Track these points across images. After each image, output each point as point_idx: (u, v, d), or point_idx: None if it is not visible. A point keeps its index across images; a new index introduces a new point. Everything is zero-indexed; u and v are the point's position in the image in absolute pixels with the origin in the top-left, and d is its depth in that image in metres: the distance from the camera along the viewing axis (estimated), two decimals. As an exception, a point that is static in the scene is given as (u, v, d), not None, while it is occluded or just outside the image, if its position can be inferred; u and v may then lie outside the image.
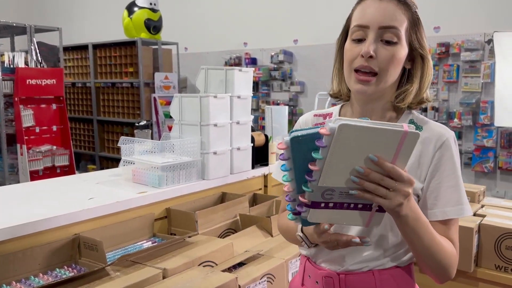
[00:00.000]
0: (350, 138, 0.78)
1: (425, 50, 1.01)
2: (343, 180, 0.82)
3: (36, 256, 1.53)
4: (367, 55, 0.95)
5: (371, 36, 0.96)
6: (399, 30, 0.96)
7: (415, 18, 1.00)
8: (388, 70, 0.97)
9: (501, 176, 4.35)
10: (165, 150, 2.14)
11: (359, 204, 0.85)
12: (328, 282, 1.04)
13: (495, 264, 1.90)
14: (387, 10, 0.96)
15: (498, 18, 4.27)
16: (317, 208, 0.84)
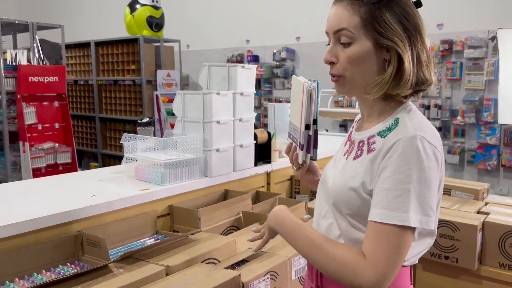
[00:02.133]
0: (295, 86, 1.22)
1: (392, 40, 0.96)
2: (293, 118, 1.23)
3: (39, 253, 1.52)
4: (326, 62, 1.06)
5: (331, 42, 1.04)
6: (348, 31, 0.99)
7: (373, 10, 0.97)
8: (350, 71, 1.01)
9: (504, 173, 4.33)
10: (167, 147, 2.13)
11: (296, 139, 1.21)
12: (309, 268, 1.17)
13: (499, 262, 1.90)
14: (336, 14, 1.02)
15: (502, 15, 4.25)
16: (289, 138, 1.29)
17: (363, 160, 1.01)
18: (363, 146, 1.03)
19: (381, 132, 1.00)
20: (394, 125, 0.99)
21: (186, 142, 2.11)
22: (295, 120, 1.20)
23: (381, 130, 1.01)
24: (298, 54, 5.66)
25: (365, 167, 0.99)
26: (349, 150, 1.09)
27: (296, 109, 1.19)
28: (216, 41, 6.30)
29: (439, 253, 1.96)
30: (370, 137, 1.03)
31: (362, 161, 1.01)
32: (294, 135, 1.21)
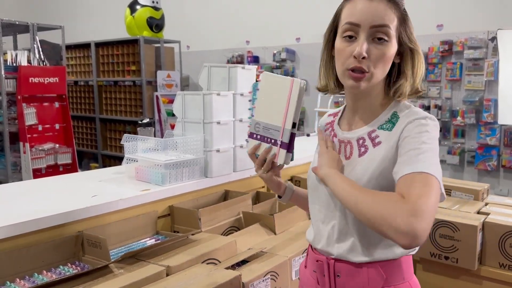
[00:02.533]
0: (267, 83, 1.16)
1: (414, 44, 1.04)
2: (266, 117, 1.16)
3: (40, 253, 1.53)
4: (360, 57, 0.98)
5: (362, 36, 0.99)
6: (390, 29, 1.00)
7: (404, 14, 1.03)
8: (379, 69, 1.01)
9: (504, 174, 4.33)
10: (168, 147, 2.14)
11: (272, 139, 1.15)
12: (319, 265, 1.11)
13: (499, 262, 1.90)
14: (378, 9, 0.99)
15: (501, 16, 4.25)
16: (252, 138, 1.19)
17: (373, 155, 1.03)
18: (364, 142, 1.06)
19: (382, 125, 1.05)
20: (394, 117, 1.05)
21: (186, 142, 2.11)
22: (272, 118, 1.13)
23: (381, 124, 1.06)
24: (298, 55, 5.67)
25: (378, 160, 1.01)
26: (345, 150, 1.10)
27: (274, 107, 1.12)
28: (216, 42, 6.31)
29: (439, 253, 1.96)
30: (370, 132, 1.06)
31: (373, 156, 1.03)
32: (269, 135, 1.15)
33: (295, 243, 1.82)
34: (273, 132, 1.14)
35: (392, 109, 1.07)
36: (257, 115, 1.17)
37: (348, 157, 1.09)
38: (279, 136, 1.12)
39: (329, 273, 1.08)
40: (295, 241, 1.84)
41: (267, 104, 1.15)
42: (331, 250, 1.08)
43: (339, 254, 1.07)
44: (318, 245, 1.12)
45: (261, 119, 1.16)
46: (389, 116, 1.06)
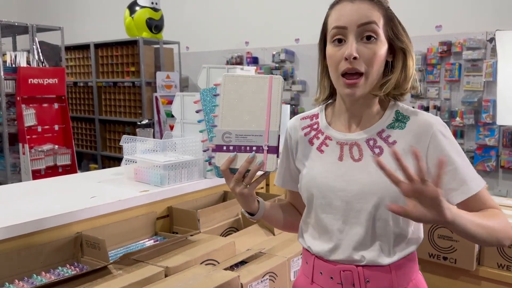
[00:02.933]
0: (233, 85, 1.02)
1: (404, 43, 1.03)
2: (236, 124, 1.02)
3: (39, 254, 1.53)
4: (350, 57, 0.98)
5: (351, 37, 0.99)
6: (377, 25, 0.99)
7: (389, 14, 1.03)
8: (373, 68, 1.00)
9: (503, 175, 4.34)
10: (167, 148, 2.14)
11: (253, 146, 1.01)
12: (347, 276, 1.05)
13: (498, 263, 1.90)
14: (362, 8, 1.00)
15: (500, 17, 4.26)
16: (221, 152, 1.02)
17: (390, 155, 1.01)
18: (376, 143, 1.05)
19: (391, 124, 1.06)
20: (400, 116, 1.06)
21: (185, 143, 2.12)
22: (248, 123, 1.01)
23: (389, 124, 1.06)
24: (297, 56, 5.67)
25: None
26: (350, 151, 1.05)
27: (249, 110, 1.01)
28: (216, 43, 6.31)
29: (437, 254, 1.96)
30: (380, 133, 1.05)
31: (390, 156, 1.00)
32: (247, 142, 1.01)
33: (294, 244, 1.82)
34: (253, 138, 1.01)
35: (392, 108, 1.08)
36: (223, 123, 1.01)
37: (358, 159, 1.04)
38: (263, 141, 1.01)
39: (359, 281, 1.04)
40: (294, 242, 1.84)
41: (237, 109, 1.01)
42: (359, 257, 1.04)
43: (369, 260, 1.03)
44: (339, 255, 1.06)
45: (232, 127, 1.01)
46: (393, 115, 1.06)
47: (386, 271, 1.04)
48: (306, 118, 1.18)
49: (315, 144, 1.12)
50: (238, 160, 1.01)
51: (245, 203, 1.09)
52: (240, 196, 1.05)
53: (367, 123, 1.07)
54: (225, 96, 1.02)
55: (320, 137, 1.11)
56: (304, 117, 1.19)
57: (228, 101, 1.02)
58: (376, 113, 1.08)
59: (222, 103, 1.02)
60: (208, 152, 1.05)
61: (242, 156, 1.01)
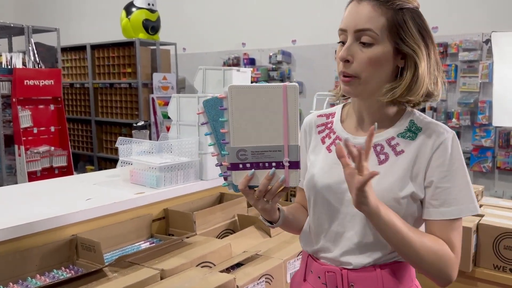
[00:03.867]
0: (242, 97, 0.90)
1: (413, 47, 0.98)
2: (251, 139, 0.92)
3: (33, 257, 1.52)
4: (342, 60, 0.99)
5: (348, 40, 1.00)
6: (373, 32, 0.97)
7: (398, 16, 0.98)
8: (366, 72, 0.99)
9: (499, 176, 4.35)
10: (163, 150, 2.13)
11: (272, 162, 0.93)
12: (331, 277, 1.06)
13: (494, 264, 1.90)
14: (361, 13, 0.98)
15: (496, 18, 4.28)
16: (237, 170, 0.93)
17: (395, 164, 1.01)
18: (383, 149, 1.04)
19: (402, 133, 1.04)
20: (413, 126, 1.04)
21: (181, 145, 2.11)
22: (264, 138, 0.92)
23: (400, 132, 1.04)
24: (294, 57, 5.67)
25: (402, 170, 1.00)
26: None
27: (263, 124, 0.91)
28: (212, 44, 6.30)
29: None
30: (389, 140, 1.04)
31: (395, 165, 1.01)
32: (265, 159, 0.92)
33: (290, 246, 1.82)
34: (272, 154, 0.92)
35: (407, 117, 1.06)
36: (235, 140, 0.91)
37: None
38: (282, 156, 0.92)
39: (342, 284, 1.04)
40: (290, 244, 1.84)
41: (249, 123, 0.91)
42: (346, 261, 1.04)
43: (356, 265, 1.03)
44: (328, 256, 1.07)
45: (246, 144, 0.91)
46: (406, 124, 1.04)
47: (374, 277, 1.02)
48: (323, 116, 1.18)
49: (326, 143, 1.12)
50: (257, 177, 0.93)
51: (267, 215, 1.05)
52: (263, 210, 1.01)
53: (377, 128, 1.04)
54: (234, 110, 0.90)
55: (332, 137, 1.12)
56: (320, 114, 1.19)
57: (238, 115, 0.90)
58: (389, 119, 1.06)
59: (231, 118, 0.91)
60: (222, 168, 0.96)
61: (261, 172, 0.93)
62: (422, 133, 1.02)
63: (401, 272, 1.04)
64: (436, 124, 1.03)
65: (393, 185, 0.99)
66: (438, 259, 0.95)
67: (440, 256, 0.95)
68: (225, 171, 0.95)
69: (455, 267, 0.97)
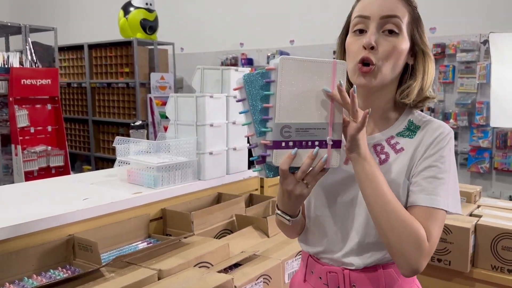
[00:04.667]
0: (292, 70, 0.86)
1: (426, 46, 1.01)
2: (297, 115, 0.87)
3: (30, 257, 1.51)
4: (368, 46, 0.96)
5: (372, 27, 0.97)
6: (400, 20, 0.97)
7: (416, 14, 1.01)
8: (388, 61, 0.97)
9: (496, 176, 4.36)
10: (160, 150, 2.13)
11: (315, 141, 0.89)
12: (333, 277, 1.05)
13: (492, 265, 1.90)
14: (387, 1, 0.98)
15: (493, 19, 4.29)
16: (279, 149, 0.87)
17: (395, 162, 1.01)
18: (383, 149, 1.03)
19: (401, 133, 1.04)
20: (412, 125, 1.04)
21: (179, 145, 2.10)
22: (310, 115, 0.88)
23: (399, 132, 1.04)
24: (292, 57, 5.67)
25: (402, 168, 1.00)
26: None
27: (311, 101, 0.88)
28: (210, 44, 6.30)
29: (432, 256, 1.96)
30: (389, 139, 1.04)
31: (395, 163, 1.00)
32: (309, 137, 0.88)
33: (288, 246, 1.82)
34: (316, 131, 0.88)
35: (406, 117, 1.05)
36: (281, 115, 0.86)
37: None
38: (326, 134, 0.89)
39: (344, 284, 1.04)
40: (288, 244, 1.84)
41: (296, 98, 0.87)
42: (349, 262, 1.03)
43: (359, 265, 1.02)
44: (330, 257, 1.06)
45: (292, 120, 0.87)
46: (405, 124, 1.04)
47: (376, 277, 1.02)
48: None
49: None
50: (299, 157, 0.88)
51: (297, 205, 0.99)
52: (300, 197, 0.93)
53: (378, 127, 1.06)
54: (283, 83, 0.86)
55: None
56: None
57: (286, 89, 0.86)
58: (389, 118, 1.06)
59: (279, 91, 0.86)
60: (257, 149, 0.89)
61: (303, 152, 0.88)
62: (421, 130, 1.02)
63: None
64: (435, 122, 1.03)
65: (393, 182, 0.98)
66: (409, 234, 0.89)
67: (413, 233, 0.89)
68: (263, 151, 0.88)
69: (425, 255, 0.90)
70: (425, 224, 0.92)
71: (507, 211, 2.17)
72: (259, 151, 0.89)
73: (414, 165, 0.99)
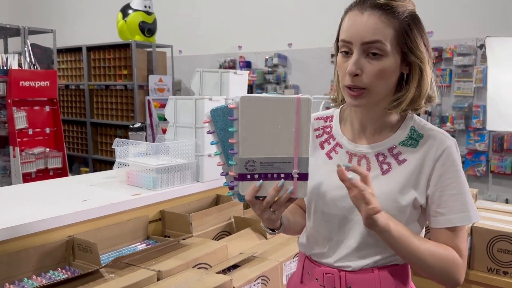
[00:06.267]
0: (253, 109, 0.88)
1: (419, 57, 0.98)
2: (260, 151, 0.90)
3: (30, 258, 1.52)
4: (351, 74, 0.96)
5: (355, 53, 0.96)
6: (382, 44, 0.95)
7: (404, 26, 0.97)
8: (376, 84, 0.97)
9: (493, 179, 4.38)
10: (159, 152, 2.14)
11: (281, 173, 0.91)
12: (329, 278, 1.05)
13: (487, 267, 1.92)
14: (368, 25, 0.95)
15: (490, 23, 4.32)
16: (245, 181, 0.91)
17: (398, 174, 1.01)
18: (386, 159, 1.03)
19: (404, 142, 1.04)
20: (414, 133, 1.04)
21: (178, 147, 2.11)
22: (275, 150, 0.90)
23: (402, 140, 1.04)
24: (290, 60, 5.69)
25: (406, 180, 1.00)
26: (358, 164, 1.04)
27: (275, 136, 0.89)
28: (209, 47, 6.32)
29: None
30: (391, 149, 1.03)
31: (398, 175, 1.01)
32: (274, 170, 0.91)
33: (286, 248, 1.83)
34: (281, 165, 0.91)
35: (408, 124, 1.05)
36: (244, 151, 0.89)
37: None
38: (292, 168, 0.91)
39: (340, 286, 1.04)
40: (286, 246, 1.85)
41: (259, 134, 0.89)
42: (346, 264, 1.04)
43: (355, 268, 1.03)
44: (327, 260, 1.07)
45: (255, 155, 0.90)
46: (407, 132, 1.04)
47: (372, 279, 1.02)
48: (321, 119, 1.16)
49: (325, 148, 1.11)
50: (265, 188, 0.92)
51: (270, 224, 1.02)
52: (269, 220, 0.98)
53: (378, 136, 1.05)
54: (244, 121, 0.88)
55: (331, 143, 1.10)
56: (318, 117, 1.17)
57: (248, 126, 0.88)
58: (390, 126, 1.06)
59: (241, 128, 0.88)
60: (227, 177, 0.96)
61: (269, 184, 0.91)
62: (424, 140, 1.02)
63: (398, 274, 1.04)
64: (438, 131, 1.04)
65: (397, 195, 0.99)
66: (447, 266, 0.98)
67: (449, 263, 0.98)
68: (231, 180, 0.94)
69: (462, 272, 1.00)
70: (454, 242, 1.00)
71: (503, 213, 2.18)
72: (229, 179, 0.95)
73: (423, 181, 1.00)
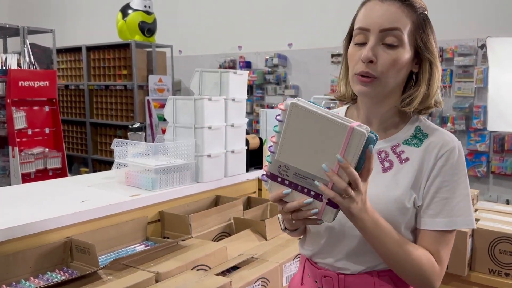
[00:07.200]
0: (300, 118, 0.81)
1: (432, 53, 0.98)
2: (297, 161, 0.84)
3: (27, 259, 1.51)
4: (366, 60, 0.95)
5: (371, 40, 0.95)
6: (401, 32, 0.94)
7: (421, 20, 0.97)
8: (388, 74, 0.95)
9: (493, 180, 4.37)
10: (158, 152, 2.12)
11: (311, 191, 0.86)
12: (327, 281, 1.05)
13: (489, 268, 1.91)
14: (388, 12, 0.94)
15: (491, 24, 4.31)
16: (275, 181, 0.88)
17: (400, 173, 1.00)
18: (388, 157, 1.02)
19: (407, 140, 1.02)
20: (419, 133, 1.02)
21: (177, 147, 2.10)
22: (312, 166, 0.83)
23: (405, 139, 1.02)
24: (290, 61, 5.68)
25: (408, 180, 0.98)
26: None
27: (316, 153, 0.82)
28: (209, 47, 6.31)
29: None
30: (394, 147, 1.02)
31: (400, 174, 0.99)
32: (306, 185, 0.85)
33: (286, 249, 1.82)
34: (315, 183, 0.84)
35: (414, 123, 1.04)
36: (281, 155, 0.84)
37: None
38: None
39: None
40: (286, 247, 1.84)
41: (301, 145, 0.83)
42: (345, 266, 1.03)
43: (354, 271, 1.02)
44: (325, 261, 1.06)
45: (291, 163, 0.84)
46: (412, 131, 1.03)
47: (371, 283, 1.01)
48: None
49: None
50: (291, 196, 0.87)
51: (287, 224, 1.03)
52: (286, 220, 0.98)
53: (383, 133, 1.04)
54: (288, 127, 0.82)
55: None
56: None
57: (291, 134, 0.83)
58: (395, 125, 1.04)
59: (284, 133, 0.83)
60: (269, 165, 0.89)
61: (296, 194, 0.87)
62: (428, 140, 1.01)
63: (397, 280, 1.03)
64: (443, 133, 1.02)
65: (400, 196, 0.98)
66: (422, 273, 0.95)
67: (425, 270, 0.95)
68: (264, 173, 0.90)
69: (437, 279, 0.98)
70: (435, 249, 0.97)
71: (504, 214, 2.17)
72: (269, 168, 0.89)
73: (423, 181, 0.99)
